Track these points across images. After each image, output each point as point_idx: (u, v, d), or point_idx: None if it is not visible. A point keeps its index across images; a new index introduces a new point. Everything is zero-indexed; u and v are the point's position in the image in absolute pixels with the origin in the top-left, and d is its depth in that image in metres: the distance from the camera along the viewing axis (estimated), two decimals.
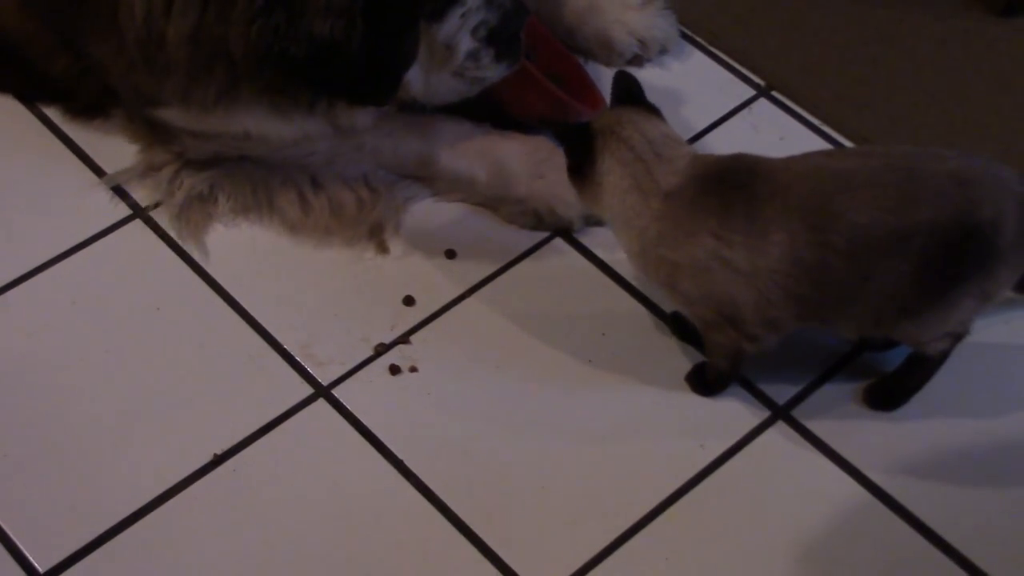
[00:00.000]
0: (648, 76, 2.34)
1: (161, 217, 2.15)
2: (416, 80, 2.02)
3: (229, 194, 2.11)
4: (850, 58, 2.38)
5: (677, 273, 1.80)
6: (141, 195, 2.17)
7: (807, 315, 1.80)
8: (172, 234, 2.13)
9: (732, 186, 1.77)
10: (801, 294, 1.75)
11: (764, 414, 1.94)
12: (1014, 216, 1.72)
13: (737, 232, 1.74)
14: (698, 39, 2.42)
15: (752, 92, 2.35)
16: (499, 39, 2.01)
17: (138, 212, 2.16)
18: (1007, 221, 1.72)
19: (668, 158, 1.80)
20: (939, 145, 2.18)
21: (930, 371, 1.89)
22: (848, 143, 2.26)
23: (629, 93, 1.88)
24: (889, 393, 1.92)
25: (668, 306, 2.02)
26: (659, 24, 2.35)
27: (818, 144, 2.26)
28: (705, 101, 2.33)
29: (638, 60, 2.35)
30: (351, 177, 2.14)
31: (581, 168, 1.83)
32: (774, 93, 2.35)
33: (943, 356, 1.87)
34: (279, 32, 1.83)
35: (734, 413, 1.94)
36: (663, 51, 2.36)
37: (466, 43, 2.00)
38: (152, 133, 2.14)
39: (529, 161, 2.15)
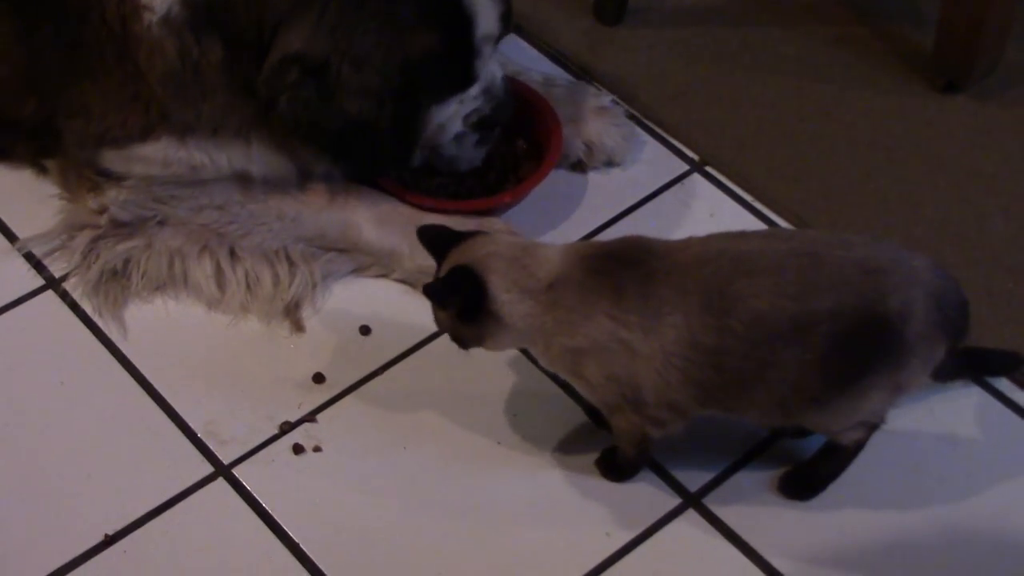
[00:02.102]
0: None
1: (74, 288, 2.11)
2: None
3: (144, 270, 2.08)
4: (786, 133, 2.34)
5: (580, 359, 1.74)
6: (57, 266, 2.13)
7: (708, 401, 1.74)
8: (87, 307, 2.09)
9: (624, 264, 1.71)
10: (701, 378, 1.70)
11: (675, 501, 1.87)
12: (923, 306, 1.67)
13: (631, 312, 1.69)
14: (633, 112, 2.38)
15: (685, 167, 2.31)
16: (485, 127, 2.10)
17: (51, 283, 2.12)
18: (915, 311, 1.67)
19: (537, 254, 1.74)
20: (874, 223, 2.18)
21: (845, 461, 1.83)
22: (780, 220, 2.22)
23: (442, 239, 1.79)
24: (803, 482, 1.86)
25: None
26: (611, 134, 2.28)
27: (748, 221, 2.22)
28: (637, 175, 2.30)
29: (580, 166, 2.29)
30: (270, 248, 2.10)
31: (473, 311, 1.73)
32: (708, 168, 2.30)
33: (858, 446, 1.82)
34: (309, 106, 1.92)
35: (644, 500, 1.88)
36: (609, 163, 2.29)
37: (457, 126, 2.08)
38: (85, 184, 2.12)
39: None
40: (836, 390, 1.70)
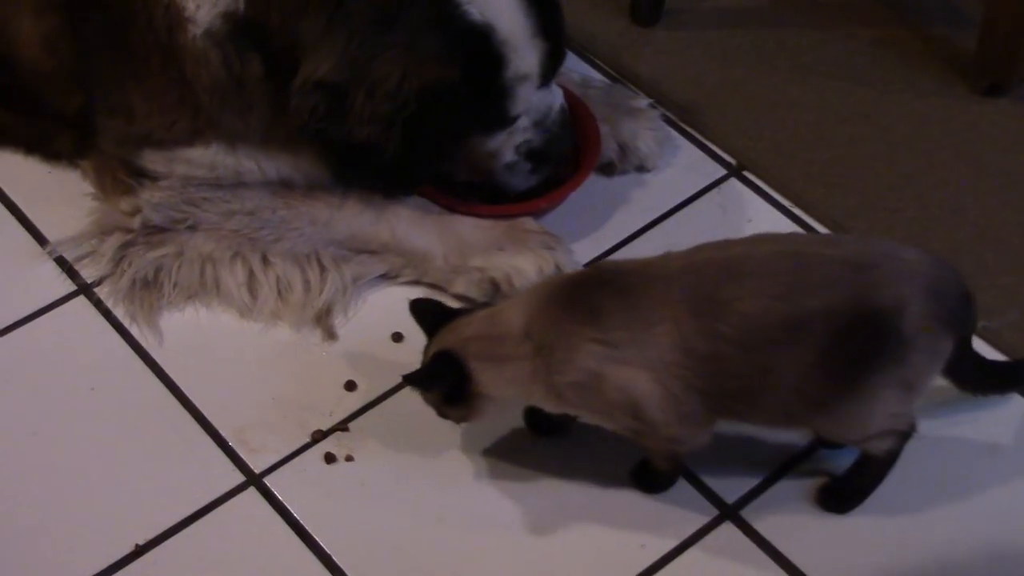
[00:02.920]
0: None
1: (107, 295, 2.09)
2: (446, 166, 2.10)
3: (176, 280, 2.07)
4: (825, 137, 2.31)
5: (583, 394, 1.72)
6: (88, 271, 2.12)
7: (718, 408, 1.71)
8: (119, 313, 2.07)
9: (595, 286, 1.70)
10: (703, 386, 1.68)
11: (712, 513, 1.85)
12: (919, 299, 1.64)
13: (616, 329, 1.67)
14: (669, 115, 2.35)
15: (723, 172, 2.28)
16: (540, 157, 2.07)
17: (83, 289, 2.11)
18: (911, 305, 1.63)
19: (501, 317, 1.74)
20: (914, 228, 2.15)
21: (880, 472, 1.80)
22: (819, 226, 2.18)
23: (434, 316, 1.81)
24: (840, 495, 1.83)
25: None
26: (646, 137, 2.25)
27: (786, 226, 2.18)
28: (673, 180, 2.26)
29: (611, 168, 2.25)
30: (300, 253, 2.09)
31: (459, 394, 1.74)
32: (745, 173, 2.27)
33: (891, 456, 1.78)
34: (324, 128, 1.92)
35: (680, 512, 1.85)
36: (641, 167, 2.26)
37: (508, 156, 2.07)
38: (119, 185, 2.12)
39: (488, 234, 2.11)
40: (840, 392, 1.67)
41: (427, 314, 1.81)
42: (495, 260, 2.07)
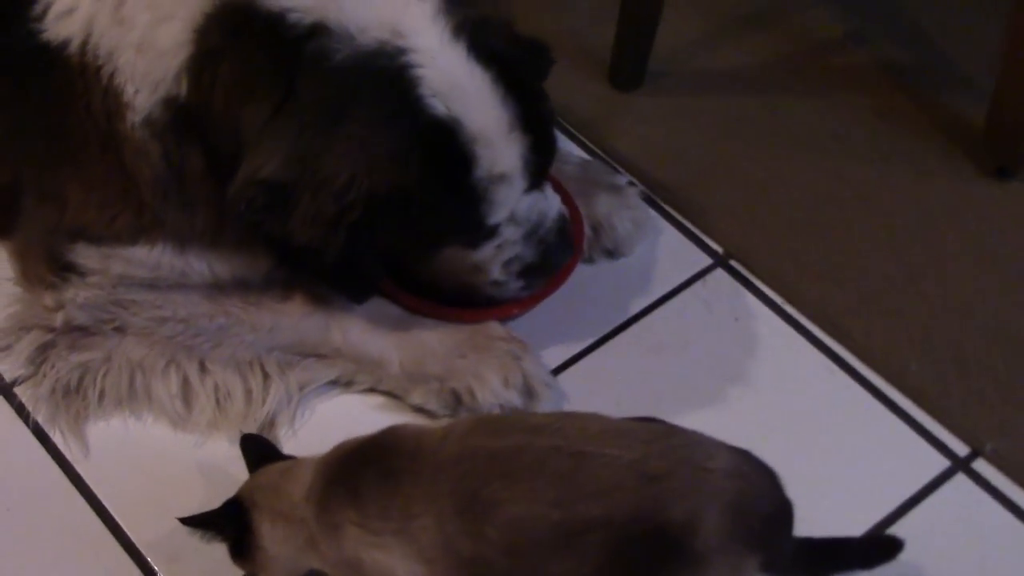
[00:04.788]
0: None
1: (26, 397, 1.90)
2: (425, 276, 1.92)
3: (102, 387, 1.88)
4: (819, 222, 2.12)
5: (358, 570, 1.55)
6: (6, 367, 1.92)
7: None
8: (40, 419, 1.88)
9: (362, 465, 1.54)
10: None
11: None
12: (716, 517, 1.45)
13: (373, 517, 1.50)
14: (650, 194, 2.16)
15: (708, 261, 2.09)
16: (534, 273, 1.88)
17: (1, 390, 1.91)
18: (706, 522, 1.44)
19: (293, 474, 1.60)
20: (916, 331, 1.99)
21: None
22: (812, 326, 2.00)
23: (258, 455, 1.70)
24: None
25: None
26: (622, 218, 2.05)
27: (777, 326, 2.00)
28: (653, 269, 2.08)
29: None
30: (243, 360, 1.90)
31: (241, 545, 1.62)
32: (732, 263, 2.08)
33: None
34: (265, 228, 1.74)
35: None
36: (614, 251, 2.07)
37: (495, 273, 1.87)
38: (43, 277, 1.92)
39: (449, 339, 1.92)
40: None
41: (252, 452, 1.71)
42: (456, 369, 1.88)
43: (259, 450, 1.72)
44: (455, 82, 1.70)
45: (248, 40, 1.71)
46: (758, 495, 1.49)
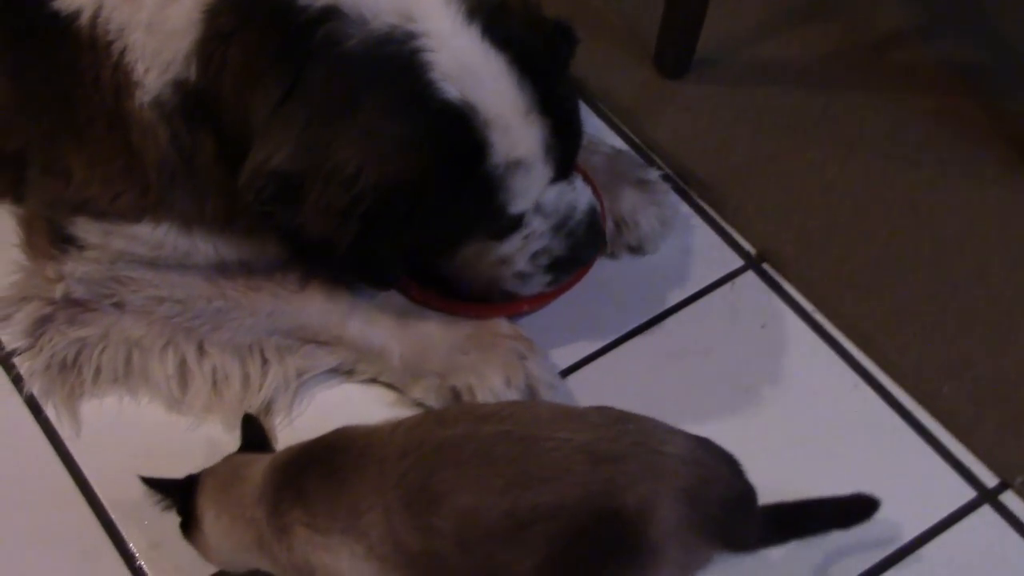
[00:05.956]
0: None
1: (24, 369, 1.86)
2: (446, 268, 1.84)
3: (98, 364, 1.84)
4: (862, 229, 2.00)
5: (308, 573, 1.51)
6: (6, 337, 1.88)
7: None
8: (36, 393, 1.84)
9: (309, 464, 1.51)
10: None
11: None
12: (670, 503, 1.39)
13: (320, 516, 1.47)
14: (687, 188, 2.06)
15: (740, 262, 1.98)
16: (560, 268, 1.80)
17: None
18: (660, 509, 1.38)
19: (247, 466, 1.58)
20: (956, 352, 1.87)
21: None
22: (844, 339, 1.89)
23: (250, 439, 1.70)
24: None
25: None
26: (648, 214, 1.95)
27: (807, 338, 1.89)
28: (680, 268, 1.98)
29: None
30: (243, 344, 1.84)
31: (188, 523, 1.60)
32: (764, 266, 1.97)
33: None
34: (276, 219, 1.69)
35: None
36: (637, 248, 1.97)
37: (521, 265, 1.79)
38: (48, 248, 1.88)
39: (453, 335, 1.84)
40: None
41: (247, 435, 1.70)
42: (457, 365, 1.80)
43: (253, 435, 1.69)
44: (468, 65, 1.62)
45: (258, 23, 1.65)
46: (716, 481, 1.43)
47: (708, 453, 1.45)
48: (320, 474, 1.49)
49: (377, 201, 1.62)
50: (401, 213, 1.64)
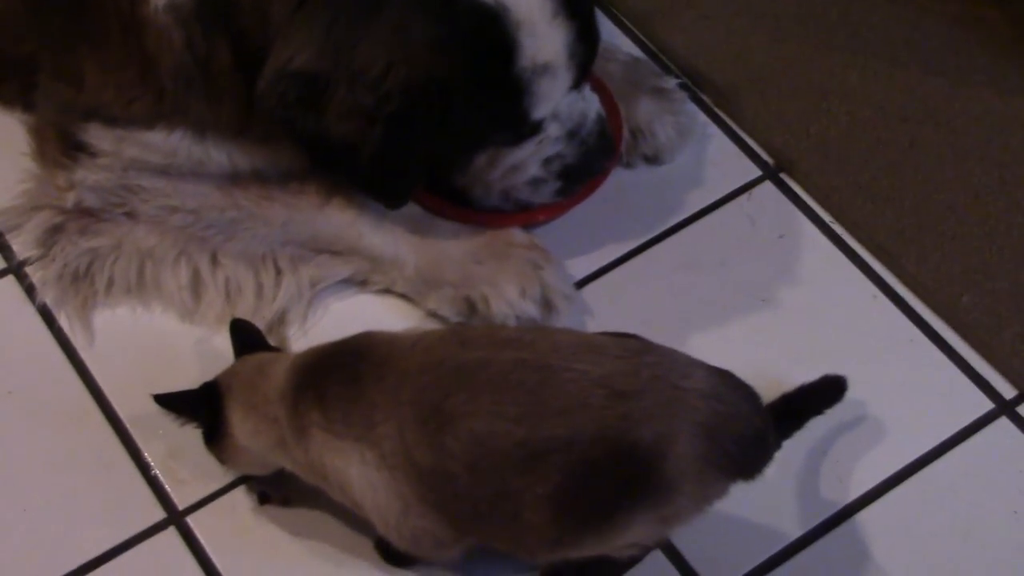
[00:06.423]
0: None
1: (37, 278, 1.85)
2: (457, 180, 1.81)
3: (110, 274, 1.82)
4: (881, 137, 1.97)
5: (314, 478, 1.53)
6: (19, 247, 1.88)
7: (460, 528, 1.47)
8: (49, 302, 1.83)
9: (330, 370, 1.50)
10: (436, 501, 1.44)
11: None
12: (688, 438, 1.37)
13: (337, 421, 1.46)
14: (703, 97, 2.03)
15: (757, 172, 1.96)
16: (573, 175, 1.78)
17: (12, 266, 1.87)
18: (676, 444, 1.37)
19: (269, 365, 1.57)
20: (975, 262, 1.83)
21: (614, 573, 1.57)
22: (861, 249, 1.87)
23: (245, 342, 1.67)
24: None
25: None
26: (664, 123, 1.93)
27: (824, 247, 1.88)
28: (696, 178, 1.95)
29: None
30: (256, 254, 1.83)
31: (214, 431, 1.59)
32: (782, 176, 1.95)
33: (632, 560, 1.54)
34: (298, 122, 1.66)
35: None
36: (654, 158, 1.95)
37: (534, 170, 1.77)
38: (59, 156, 1.86)
39: (468, 244, 1.83)
40: (577, 531, 1.41)
41: (239, 338, 1.68)
42: (472, 276, 1.79)
43: (247, 337, 1.68)
44: None
45: None
46: (735, 418, 1.41)
47: (729, 388, 1.43)
48: (340, 380, 1.49)
49: (404, 103, 1.60)
50: (427, 116, 1.62)
